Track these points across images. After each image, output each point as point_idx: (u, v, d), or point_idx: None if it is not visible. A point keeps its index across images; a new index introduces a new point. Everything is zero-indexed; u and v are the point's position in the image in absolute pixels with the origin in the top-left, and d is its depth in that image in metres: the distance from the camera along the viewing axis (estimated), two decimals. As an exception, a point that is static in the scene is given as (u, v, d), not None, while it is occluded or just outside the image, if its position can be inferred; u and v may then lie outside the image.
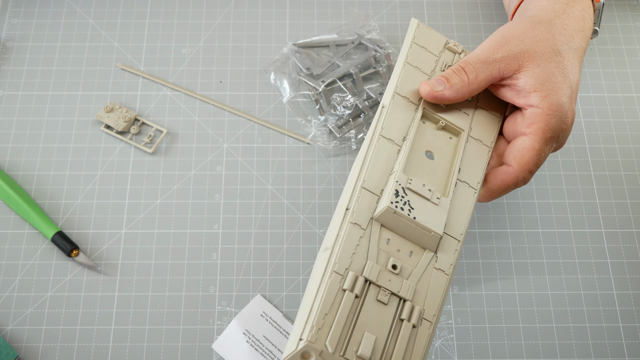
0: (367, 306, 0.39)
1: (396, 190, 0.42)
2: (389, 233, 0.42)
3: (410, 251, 0.42)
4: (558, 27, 0.48)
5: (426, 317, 0.40)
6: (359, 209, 0.42)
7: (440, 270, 0.42)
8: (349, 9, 0.67)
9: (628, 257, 0.56)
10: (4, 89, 0.62)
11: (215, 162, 0.59)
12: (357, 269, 0.40)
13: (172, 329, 0.53)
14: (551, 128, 0.46)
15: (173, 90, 0.62)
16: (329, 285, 0.39)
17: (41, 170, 0.58)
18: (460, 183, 0.45)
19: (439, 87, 0.47)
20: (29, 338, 0.52)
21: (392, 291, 0.40)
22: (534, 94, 0.46)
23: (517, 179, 0.46)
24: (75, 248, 0.54)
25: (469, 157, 0.47)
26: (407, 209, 0.42)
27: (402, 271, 0.41)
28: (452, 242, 0.43)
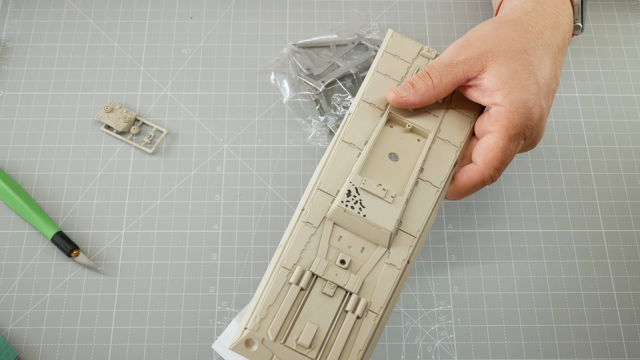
0: (312, 298, 0.42)
1: (348, 190, 0.44)
2: (342, 231, 0.44)
3: (362, 247, 0.44)
4: (525, 25, 0.49)
5: (372, 309, 0.42)
6: (312, 209, 0.44)
7: (391, 265, 0.43)
8: (349, 9, 0.67)
9: (628, 257, 0.56)
10: (4, 89, 0.62)
11: (215, 162, 0.59)
12: (306, 264, 0.42)
13: (172, 329, 0.53)
14: (514, 125, 0.46)
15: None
16: (276, 278, 0.42)
17: (41, 170, 0.58)
18: (423, 182, 0.47)
19: (404, 93, 0.48)
20: (29, 338, 0.52)
21: (338, 284, 0.42)
22: (497, 92, 0.47)
23: (483, 176, 0.47)
24: (75, 248, 0.54)
25: (435, 157, 0.48)
26: (357, 207, 0.44)
27: (352, 266, 0.43)
28: (407, 238, 0.45)
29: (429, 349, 0.52)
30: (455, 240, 0.56)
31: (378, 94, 0.50)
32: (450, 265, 0.55)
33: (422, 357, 0.52)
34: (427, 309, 0.54)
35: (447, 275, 0.55)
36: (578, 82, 0.64)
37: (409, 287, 0.54)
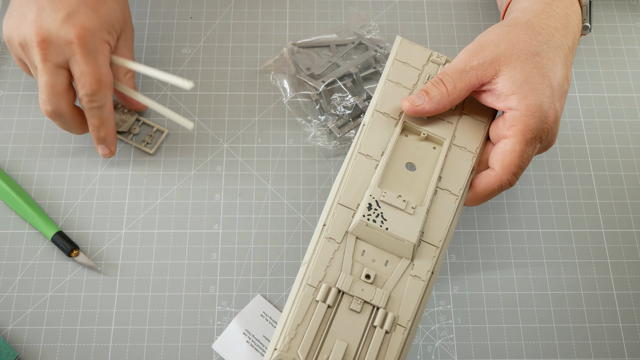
0: (340, 315, 0.41)
1: (369, 204, 0.44)
2: (365, 245, 0.44)
3: (386, 260, 0.43)
4: (536, 28, 0.49)
5: (400, 322, 0.41)
6: (334, 224, 0.44)
7: (416, 277, 0.43)
8: (349, 9, 0.67)
9: (628, 257, 0.56)
10: (4, 89, 0.62)
11: (215, 162, 0.59)
12: (331, 281, 0.42)
13: (172, 329, 0.53)
14: (531, 129, 0.46)
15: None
16: (303, 297, 0.41)
17: (41, 170, 0.58)
18: (441, 191, 0.46)
19: (418, 102, 0.48)
20: (29, 338, 0.52)
21: (364, 300, 0.42)
22: (512, 97, 0.46)
23: (502, 182, 0.46)
24: (75, 248, 0.54)
25: (452, 164, 0.47)
26: (379, 220, 0.43)
27: (377, 280, 0.43)
28: (430, 249, 0.44)
29: (429, 349, 0.52)
30: (455, 240, 0.56)
31: (391, 103, 0.50)
32: (450, 265, 0.55)
33: (422, 357, 0.52)
34: (427, 309, 0.54)
35: (447, 275, 0.55)
36: (578, 82, 0.64)
37: (409, 287, 0.54)
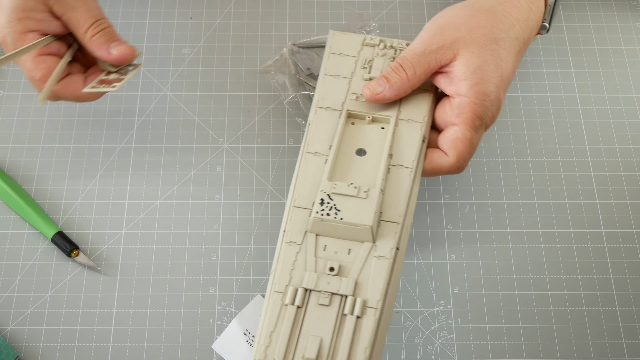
0: (310, 313, 0.42)
1: (321, 199, 0.44)
2: (325, 239, 0.44)
3: (349, 249, 0.44)
4: (498, 15, 0.49)
5: (370, 305, 0.42)
6: (292, 228, 0.44)
7: (380, 257, 0.43)
8: (349, 9, 0.67)
9: (628, 257, 0.56)
10: (4, 89, 0.62)
11: (215, 162, 0.59)
12: (297, 282, 0.42)
13: (172, 329, 0.53)
14: (479, 116, 0.47)
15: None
16: (272, 304, 0.42)
17: (41, 170, 0.58)
18: (394, 168, 0.46)
19: (379, 89, 0.48)
20: (29, 338, 0.52)
21: (331, 292, 0.42)
22: (463, 82, 0.47)
23: (452, 167, 0.47)
24: (75, 248, 0.54)
25: (401, 139, 0.48)
26: (333, 213, 0.44)
27: (342, 270, 0.43)
28: (391, 227, 0.44)
29: (429, 349, 0.52)
30: (455, 240, 0.56)
31: (332, 96, 0.50)
32: (450, 265, 0.55)
33: (422, 357, 0.52)
34: (427, 309, 0.54)
35: (447, 275, 0.55)
36: (578, 82, 0.64)
37: (409, 287, 0.54)
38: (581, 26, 0.67)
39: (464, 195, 0.58)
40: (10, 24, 0.47)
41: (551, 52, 0.65)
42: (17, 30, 0.47)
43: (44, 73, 0.48)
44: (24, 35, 0.48)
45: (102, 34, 0.50)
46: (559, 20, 0.67)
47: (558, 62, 0.65)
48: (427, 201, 0.58)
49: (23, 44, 0.47)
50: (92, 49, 0.50)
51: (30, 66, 0.48)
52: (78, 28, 0.49)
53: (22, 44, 0.47)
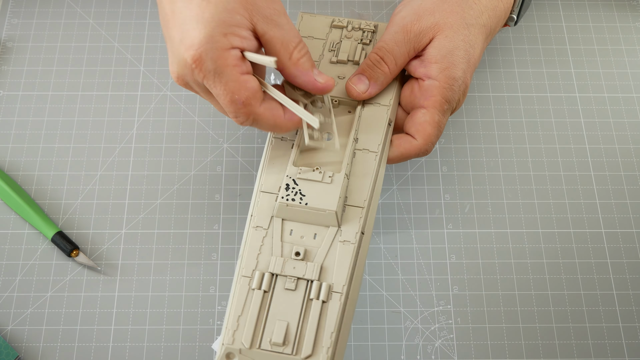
0: (277, 297, 0.42)
1: (287, 184, 0.45)
2: (291, 224, 0.45)
3: (314, 234, 0.44)
4: (469, 2, 0.49)
5: (336, 289, 0.42)
6: (259, 213, 0.45)
7: (345, 242, 0.44)
8: (349, 9, 0.67)
9: (628, 257, 0.56)
10: (4, 89, 0.62)
11: (215, 162, 0.59)
12: (264, 267, 0.43)
13: (172, 329, 0.53)
14: (447, 100, 0.47)
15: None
16: (239, 289, 0.42)
17: (41, 170, 0.58)
18: (360, 152, 0.47)
19: (363, 87, 0.48)
20: (29, 338, 0.52)
21: (297, 277, 0.42)
22: (433, 66, 0.47)
23: (420, 150, 0.48)
24: (75, 248, 0.54)
25: (367, 123, 0.48)
26: (298, 198, 0.44)
27: (308, 255, 0.43)
28: (356, 211, 0.45)
29: (429, 349, 0.52)
30: (455, 240, 0.56)
31: None
32: (450, 265, 0.55)
33: (422, 357, 0.52)
34: (427, 309, 0.54)
35: (447, 275, 0.55)
36: (578, 82, 0.64)
37: (409, 287, 0.54)
38: (581, 26, 0.67)
39: (464, 195, 0.58)
40: (213, 39, 0.40)
41: (551, 52, 0.65)
42: (220, 47, 0.41)
43: (248, 95, 0.42)
44: (227, 52, 0.41)
45: (308, 58, 0.45)
46: (559, 20, 0.67)
47: (558, 62, 0.65)
48: (427, 201, 0.58)
49: (225, 63, 0.41)
50: (295, 72, 0.44)
51: (233, 87, 0.41)
52: (282, 48, 0.43)
53: (225, 63, 0.41)
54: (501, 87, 0.63)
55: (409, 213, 0.57)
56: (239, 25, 0.42)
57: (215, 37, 0.40)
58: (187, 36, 0.41)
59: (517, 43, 0.66)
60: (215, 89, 0.41)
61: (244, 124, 0.43)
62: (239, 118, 0.43)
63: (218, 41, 0.41)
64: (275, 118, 0.44)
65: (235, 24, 0.41)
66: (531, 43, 0.66)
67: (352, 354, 0.52)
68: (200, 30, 0.40)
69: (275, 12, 0.44)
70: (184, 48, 0.41)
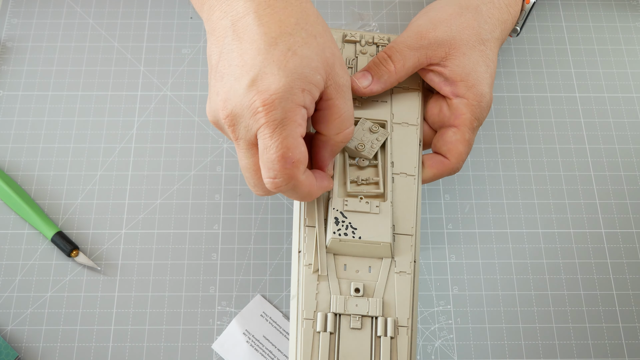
0: (344, 338, 0.41)
1: (335, 218, 0.43)
2: (344, 258, 0.43)
3: (369, 267, 0.43)
4: (484, 16, 0.49)
5: (401, 324, 0.41)
6: (309, 249, 0.43)
7: (402, 273, 0.43)
8: (349, 9, 0.67)
9: (628, 257, 0.56)
10: (4, 89, 0.62)
11: (215, 162, 0.59)
12: (325, 307, 0.41)
13: (172, 329, 0.53)
14: (477, 117, 0.47)
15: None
16: (304, 333, 0.41)
17: (41, 170, 0.58)
18: (397, 176, 0.46)
19: (365, 83, 0.47)
20: (29, 338, 0.52)
21: (361, 314, 0.41)
22: (460, 84, 0.47)
23: (453, 170, 0.47)
24: (75, 248, 0.54)
25: (399, 145, 0.47)
26: (350, 232, 0.43)
27: (366, 290, 0.42)
28: (405, 240, 0.44)
29: (429, 349, 0.52)
30: (455, 240, 0.56)
31: None
32: (450, 265, 0.55)
33: (422, 357, 0.52)
34: (427, 309, 0.54)
35: (447, 275, 0.55)
36: (578, 82, 0.64)
37: (409, 287, 0.54)
38: (581, 26, 0.67)
39: (464, 195, 0.58)
40: (292, 91, 0.38)
41: (551, 52, 0.65)
42: (295, 100, 0.38)
43: (300, 158, 0.39)
44: (299, 108, 0.38)
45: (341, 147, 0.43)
46: (559, 20, 0.67)
47: (558, 62, 0.65)
48: (427, 201, 0.58)
49: (294, 118, 0.38)
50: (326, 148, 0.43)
51: (291, 144, 0.38)
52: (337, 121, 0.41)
53: (293, 118, 0.38)
54: (501, 87, 0.63)
55: (409, 213, 0.57)
56: (317, 85, 0.39)
57: (294, 89, 0.38)
58: (264, 80, 0.38)
59: (517, 43, 0.66)
60: (270, 140, 0.38)
61: (278, 188, 0.39)
62: (278, 179, 0.39)
63: (295, 94, 0.38)
64: (311, 187, 0.41)
65: (314, 82, 0.39)
66: (531, 43, 0.66)
67: (352, 354, 0.52)
68: (281, 78, 0.38)
69: (347, 84, 0.41)
70: (256, 90, 0.38)
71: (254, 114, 0.38)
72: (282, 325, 0.53)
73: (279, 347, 0.52)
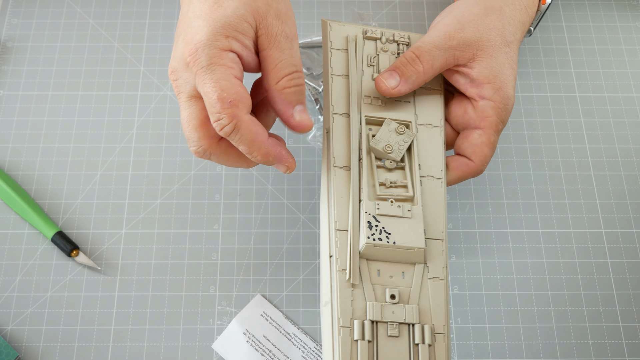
0: (382, 346, 0.40)
1: (368, 222, 0.42)
2: (377, 264, 0.42)
3: (402, 272, 0.42)
4: (507, 17, 0.48)
5: (438, 330, 0.41)
6: (341, 254, 0.42)
7: (435, 279, 0.42)
8: (349, 9, 0.67)
9: (628, 257, 0.56)
10: (4, 89, 0.62)
11: (215, 162, 0.59)
12: (361, 314, 0.41)
13: (172, 329, 0.53)
14: (502, 120, 0.47)
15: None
16: (342, 342, 0.40)
17: (41, 170, 0.58)
18: (425, 179, 0.45)
19: (393, 83, 0.46)
20: (29, 338, 0.52)
21: (398, 322, 0.41)
22: (487, 86, 0.46)
23: (477, 172, 0.47)
24: (75, 248, 0.54)
25: (425, 147, 0.46)
26: (384, 236, 0.42)
27: (401, 296, 0.42)
28: (437, 245, 0.43)
29: (429, 348, 0.52)
30: (455, 240, 0.56)
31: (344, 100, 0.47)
32: (451, 265, 0.55)
33: (422, 357, 0.52)
34: (427, 309, 0.54)
35: (447, 275, 0.55)
36: (578, 82, 0.64)
37: (409, 287, 0.54)
38: (581, 26, 0.67)
39: (464, 195, 0.58)
40: (215, 39, 0.40)
41: (551, 52, 0.65)
42: (218, 46, 0.40)
43: (237, 97, 0.40)
44: (224, 52, 0.41)
45: (296, 91, 0.43)
46: (559, 20, 0.67)
47: (558, 62, 0.65)
48: (427, 201, 0.58)
49: (220, 61, 0.40)
50: (275, 100, 0.43)
51: (225, 85, 0.40)
52: (273, 71, 0.42)
53: (219, 61, 0.40)
54: (501, 87, 0.63)
55: (409, 213, 0.57)
56: (244, 33, 0.41)
57: (216, 36, 0.40)
58: (190, 32, 0.41)
59: (517, 43, 0.66)
60: (204, 86, 0.40)
61: (224, 129, 0.40)
62: (221, 120, 0.40)
63: (217, 40, 0.41)
64: (257, 134, 0.41)
65: (240, 30, 0.41)
66: (531, 43, 0.66)
67: (352, 354, 0.52)
68: (203, 28, 0.41)
69: (282, 33, 0.42)
70: (184, 43, 0.41)
71: (186, 65, 0.41)
72: (282, 325, 0.53)
73: (279, 347, 0.52)
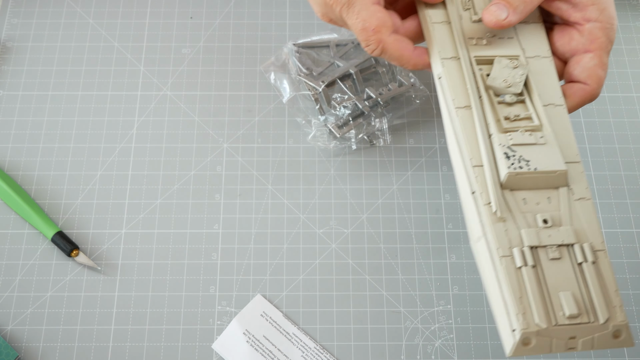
0: (547, 269, 0.40)
1: (505, 153, 0.43)
2: (521, 193, 0.43)
3: (547, 197, 0.42)
4: None
5: (597, 248, 0.41)
6: (483, 188, 0.42)
7: (581, 199, 0.42)
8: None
9: (628, 257, 0.56)
10: (4, 89, 0.62)
11: (215, 162, 0.59)
12: (517, 242, 0.41)
13: (172, 329, 0.53)
14: (611, 40, 0.47)
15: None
16: (505, 271, 0.40)
17: (41, 170, 0.58)
18: (546, 107, 0.45)
19: (503, 15, 0.46)
20: (29, 338, 0.52)
21: (557, 244, 0.41)
22: (591, 8, 0.46)
23: (594, 95, 0.47)
24: (75, 248, 0.54)
25: (538, 77, 0.46)
26: (524, 164, 0.42)
27: (553, 220, 0.42)
28: (574, 167, 0.43)
29: (429, 349, 0.52)
30: (455, 240, 0.56)
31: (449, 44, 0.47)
32: (450, 265, 0.55)
33: (422, 357, 0.52)
34: (427, 309, 0.54)
35: (447, 275, 0.55)
36: (578, 82, 0.64)
37: (409, 287, 0.54)
38: (581, 26, 0.67)
39: (464, 195, 0.58)
40: None
41: (551, 52, 0.65)
42: None
43: (378, 23, 0.45)
44: None
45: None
46: (559, 20, 0.67)
47: (558, 62, 0.65)
48: (427, 201, 0.58)
49: None
50: None
51: (365, 15, 0.45)
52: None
53: None
54: (501, 87, 0.63)
55: (409, 213, 0.57)
56: None
57: None
58: None
59: (517, 43, 0.66)
60: (349, 19, 0.45)
61: (374, 52, 0.46)
62: (370, 46, 0.45)
63: None
64: (403, 50, 0.46)
65: None
66: (531, 43, 0.66)
67: (352, 354, 0.52)
68: None
69: None
70: None
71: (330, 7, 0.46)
72: (282, 325, 0.53)
73: (279, 347, 0.52)
